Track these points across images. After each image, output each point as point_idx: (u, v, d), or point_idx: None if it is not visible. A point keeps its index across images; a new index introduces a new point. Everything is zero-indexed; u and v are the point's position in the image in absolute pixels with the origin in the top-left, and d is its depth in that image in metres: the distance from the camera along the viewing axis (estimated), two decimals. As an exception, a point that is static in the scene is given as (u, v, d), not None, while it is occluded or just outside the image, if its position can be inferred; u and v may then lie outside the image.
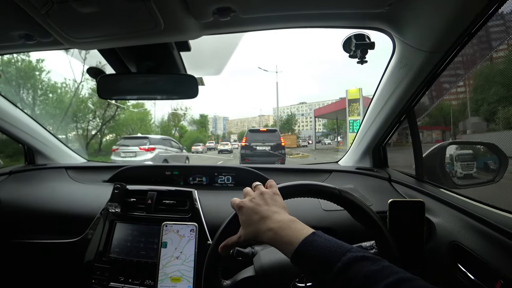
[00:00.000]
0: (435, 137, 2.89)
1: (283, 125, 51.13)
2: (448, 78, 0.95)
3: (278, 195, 0.59)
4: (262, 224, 0.52)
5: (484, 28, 0.67)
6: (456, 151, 1.22)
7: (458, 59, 0.79)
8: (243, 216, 0.56)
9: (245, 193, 0.62)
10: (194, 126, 45.37)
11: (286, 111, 78.43)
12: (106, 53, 0.88)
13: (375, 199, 1.02)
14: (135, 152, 8.11)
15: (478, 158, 1.19)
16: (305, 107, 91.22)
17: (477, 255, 0.64)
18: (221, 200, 1.10)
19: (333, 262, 0.41)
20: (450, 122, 2.46)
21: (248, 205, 0.56)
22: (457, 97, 1.97)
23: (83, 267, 0.98)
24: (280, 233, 0.49)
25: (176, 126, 31.98)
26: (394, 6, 0.70)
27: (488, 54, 0.95)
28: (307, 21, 0.81)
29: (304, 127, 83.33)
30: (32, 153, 1.56)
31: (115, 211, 1.01)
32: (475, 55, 0.92)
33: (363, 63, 0.91)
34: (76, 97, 15.17)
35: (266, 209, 0.54)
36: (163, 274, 0.87)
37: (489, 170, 1.10)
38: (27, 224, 1.12)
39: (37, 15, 0.64)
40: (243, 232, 0.55)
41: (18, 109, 1.38)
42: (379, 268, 0.38)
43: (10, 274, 1.14)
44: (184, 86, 0.92)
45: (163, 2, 0.61)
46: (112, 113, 17.25)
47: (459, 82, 1.18)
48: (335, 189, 0.63)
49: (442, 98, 1.14)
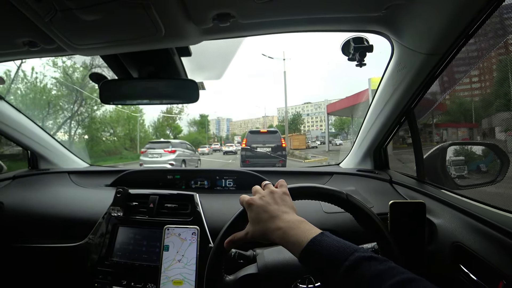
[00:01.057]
0: (461, 135, 2.78)
1: (289, 125, 49.29)
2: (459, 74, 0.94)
3: (288, 195, 0.60)
4: (271, 223, 0.53)
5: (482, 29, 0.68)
6: (457, 151, 1.22)
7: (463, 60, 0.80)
8: (252, 213, 0.56)
9: (254, 191, 0.62)
10: (194, 127, 44.64)
11: (291, 111, 76.21)
12: (108, 59, 0.90)
13: (376, 201, 1.02)
14: (160, 154, 9.83)
15: (479, 158, 1.19)
16: (310, 106, 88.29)
17: (479, 255, 0.64)
18: (222, 203, 1.11)
19: (341, 261, 0.41)
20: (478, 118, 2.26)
21: (258, 203, 0.56)
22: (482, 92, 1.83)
23: (85, 271, 0.98)
24: (289, 232, 0.50)
25: (170, 126, 31.26)
26: (391, 9, 0.71)
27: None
28: (306, 26, 0.82)
29: (310, 127, 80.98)
30: (35, 158, 1.58)
31: (118, 215, 1.02)
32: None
33: (361, 66, 0.92)
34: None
35: (276, 209, 0.55)
36: (165, 277, 0.88)
37: (490, 170, 1.09)
38: (30, 229, 1.13)
39: (41, 23, 0.66)
40: (251, 229, 0.56)
41: (22, 114, 1.39)
42: (386, 268, 0.39)
43: (13, 278, 1.15)
44: (185, 90, 0.94)
45: (164, 9, 0.62)
46: (84, 109, 15.94)
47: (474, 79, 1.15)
48: (343, 193, 0.63)
49: (443, 97, 1.13)
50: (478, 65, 1.02)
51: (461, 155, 1.18)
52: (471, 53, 0.85)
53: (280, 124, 59.24)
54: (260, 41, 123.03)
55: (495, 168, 1.02)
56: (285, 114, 22.45)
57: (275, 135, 9.45)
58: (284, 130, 47.06)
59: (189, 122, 44.83)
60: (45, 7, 0.59)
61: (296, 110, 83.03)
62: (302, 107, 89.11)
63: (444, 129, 3.13)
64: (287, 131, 21.22)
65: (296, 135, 32.81)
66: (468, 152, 1.24)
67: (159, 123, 30.10)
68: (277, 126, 56.52)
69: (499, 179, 0.98)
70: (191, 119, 45.41)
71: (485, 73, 1.44)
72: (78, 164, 1.74)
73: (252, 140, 9.12)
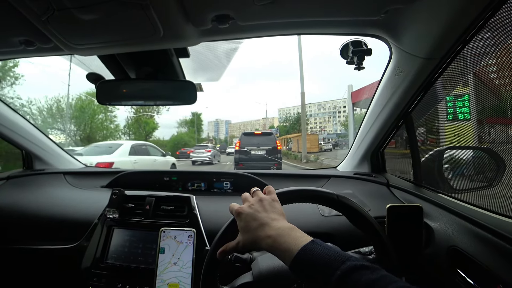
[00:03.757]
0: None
1: (293, 125, 46.58)
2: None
3: (277, 202, 0.59)
4: (261, 231, 0.52)
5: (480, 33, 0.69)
6: (454, 156, 1.23)
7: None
8: (242, 222, 0.56)
9: (243, 199, 0.62)
10: (185, 128, 40.38)
11: (292, 112, 71.89)
12: (105, 59, 0.89)
13: (373, 204, 1.02)
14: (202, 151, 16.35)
15: (476, 163, 1.20)
16: (313, 107, 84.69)
17: (476, 259, 0.64)
18: (219, 206, 1.10)
19: (332, 270, 0.41)
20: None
21: (247, 211, 0.56)
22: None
23: (80, 274, 0.97)
24: (279, 240, 0.49)
25: (140, 121, 26.26)
26: (390, 13, 0.71)
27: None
28: (305, 29, 0.83)
29: (313, 129, 76.52)
30: (30, 158, 1.56)
31: (113, 217, 1.00)
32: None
33: (360, 70, 0.92)
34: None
35: (265, 216, 0.54)
36: (160, 280, 0.86)
37: (486, 174, 1.10)
38: (24, 230, 1.11)
39: (38, 22, 0.65)
40: (242, 238, 0.55)
41: (17, 114, 1.38)
42: (378, 277, 0.38)
43: (7, 280, 1.13)
44: (183, 92, 0.93)
45: (162, 10, 0.62)
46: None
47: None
48: (333, 194, 0.63)
49: (440, 101, 1.14)
50: (477, 69, 1.02)
51: (457, 159, 1.19)
52: (469, 57, 0.85)
53: (282, 125, 55.50)
54: (259, 41, 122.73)
55: (492, 172, 1.03)
56: (302, 98, 13.42)
57: (270, 137, 9.28)
58: (287, 130, 42.06)
59: (179, 123, 40.77)
60: (42, 6, 0.59)
61: (298, 110, 78.82)
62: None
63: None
64: (305, 129, 15.63)
65: (306, 135, 25.89)
66: (465, 156, 1.25)
67: (133, 119, 26.05)
68: (279, 127, 53.19)
69: (495, 183, 0.99)
70: (181, 119, 41.09)
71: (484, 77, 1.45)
72: (74, 164, 1.72)
73: (246, 142, 8.90)
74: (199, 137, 40.91)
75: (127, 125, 25.92)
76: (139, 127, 26.62)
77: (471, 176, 1.20)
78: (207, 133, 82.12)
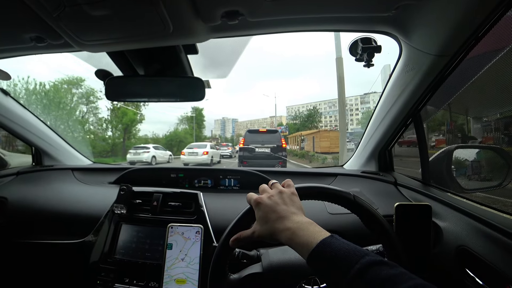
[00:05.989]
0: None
1: (304, 122, 43.22)
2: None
3: (296, 196, 0.59)
4: (280, 223, 0.52)
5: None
6: (463, 155, 1.21)
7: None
8: (260, 212, 0.56)
9: (261, 190, 0.62)
10: (185, 124, 35.99)
11: (302, 109, 68.28)
12: (114, 56, 0.89)
13: (380, 203, 1.01)
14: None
15: (485, 162, 1.18)
16: (323, 104, 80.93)
17: (485, 259, 0.63)
18: (226, 202, 1.10)
19: (351, 264, 0.41)
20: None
21: (267, 202, 0.56)
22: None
23: (88, 268, 0.98)
24: (298, 233, 0.49)
25: (115, 110, 20.58)
26: (401, 9, 0.70)
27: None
28: (314, 25, 0.82)
29: (324, 127, 69.61)
30: (39, 154, 1.59)
31: (121, 213, 1.01)
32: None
33: (369, 67, 0.91)
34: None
35: (285, 209, 0.54)
36: (167, 276, 0.87)
37: (496, 174, 1.08)
38: (33, 225, 1.13)
39: (48, 18, 0.65)
40: (258, 229, 0.55)
41: (28, 111, 1.40)
42: (397, 273, 0.38)
43: (16, 273, 1.15)
44: (191, 88, 0.93)
45: (172, 6, 0.62)
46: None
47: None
48: (350, 194, 0.62)
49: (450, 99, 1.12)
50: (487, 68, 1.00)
51: (467, 159, 1.18)
52: (481, 55, 0.83)
53: (291, 122, 51.12)
54: (268, 38, 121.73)
55: (502, 171, 1.01)
56: (338, 64, 8.26)
57: (275, 135, 9.22)
58: (298, 128, 37.04)
59: (180, 120, 36.72)
60: (53, 2, 0.59)
61: (308, 108, 70.75)
62: (314, 105, 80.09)
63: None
64: (344, 116, 9.35)
65: (324, 131, 22.44)
66: (475, 155, 1.23)
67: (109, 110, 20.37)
68: (289, 124, 49.08)
69: (505, 183, 0.98)
70: (182, 116, 36.70)
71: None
72: (82, 161, 1.75)
73: (251, 139, 8.87)
74: (200, 134, 36.68)
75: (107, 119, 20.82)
76: (115, 118, 21.12)
77: (481, 175, 1.19)
78: (211, 131, 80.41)
